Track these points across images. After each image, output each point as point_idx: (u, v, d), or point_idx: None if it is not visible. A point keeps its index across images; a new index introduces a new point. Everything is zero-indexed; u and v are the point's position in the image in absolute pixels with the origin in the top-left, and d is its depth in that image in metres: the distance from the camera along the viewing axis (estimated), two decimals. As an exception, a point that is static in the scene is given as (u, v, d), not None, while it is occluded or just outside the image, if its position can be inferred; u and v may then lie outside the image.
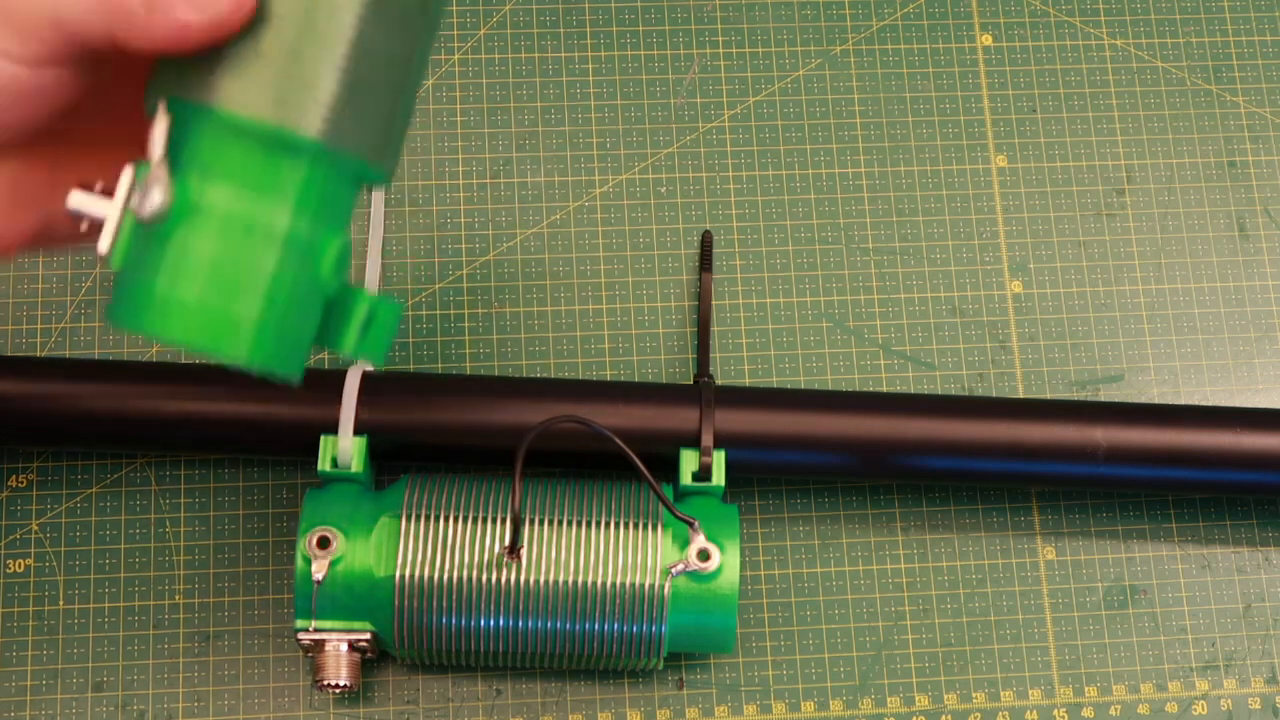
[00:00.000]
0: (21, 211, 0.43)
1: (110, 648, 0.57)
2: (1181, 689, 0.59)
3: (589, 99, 0.65)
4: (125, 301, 0.40)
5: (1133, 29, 0.67)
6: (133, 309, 0.39)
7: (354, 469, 0.54)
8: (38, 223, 0.43)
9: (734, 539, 0.54)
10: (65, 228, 0.44)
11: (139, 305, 0.39)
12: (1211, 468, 0.57)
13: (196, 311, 0.39)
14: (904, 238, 0.64)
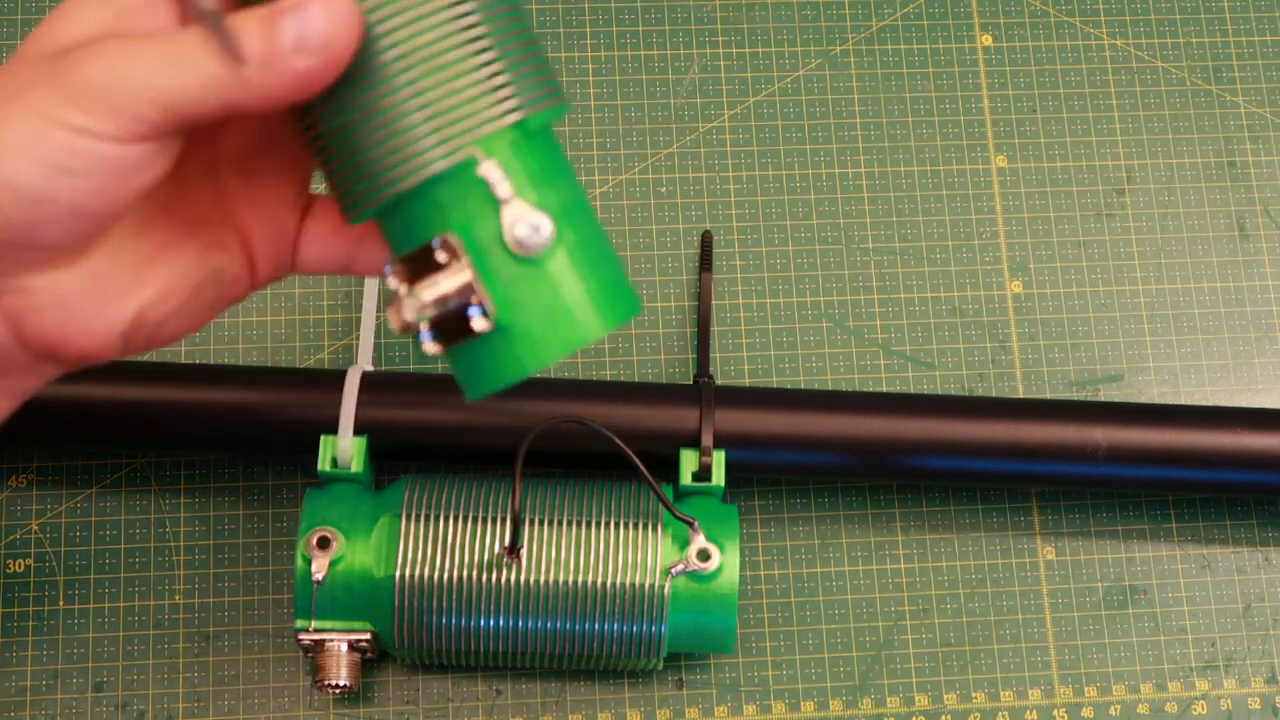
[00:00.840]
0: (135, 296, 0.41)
1: (110, 648, 0.57)
2: (1181, 689, 0.59)
3: (589, 99, 0.65)
4: (521, 345, 0.39)
5: (1133, 29, 0.67)
6: (533, 345, 0.39)
7: (354, 469, 0.54)
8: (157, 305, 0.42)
9: (734, 539, 0.54)
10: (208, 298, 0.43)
11: (541, 337, 0.39)
12: (1211, 468, 0.57)
13: (597, 301, 0.39)
14: (904, 238, 0.64)
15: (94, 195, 0.38)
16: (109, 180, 0.38)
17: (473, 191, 0.38)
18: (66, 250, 0.39)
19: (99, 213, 0.38)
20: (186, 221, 0.42)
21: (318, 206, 0.44)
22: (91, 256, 0.40)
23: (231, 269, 0.43)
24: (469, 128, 0.38)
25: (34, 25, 0.64)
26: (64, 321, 0.40)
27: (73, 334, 0.40)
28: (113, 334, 0.41)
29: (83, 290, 0.40)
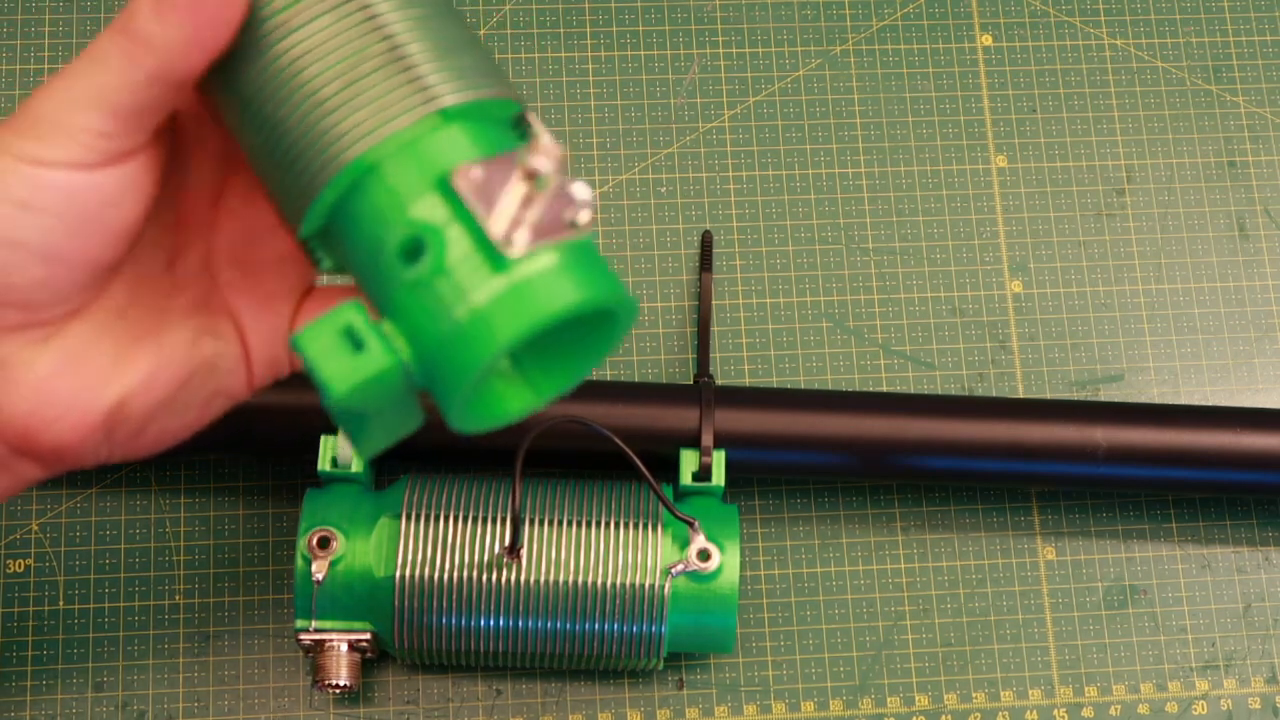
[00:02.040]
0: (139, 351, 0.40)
1: (110, 648, 0.57)
2: (1181, 689, 0.59)
3: (589, 99, 0.65)
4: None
5: (1133, 29, 0.67)
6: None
7: (354, 469, 0.54)
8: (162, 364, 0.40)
9: (734, 539, 0.54)
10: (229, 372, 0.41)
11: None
12: (1211, 468, 0.57)
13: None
14: (904, 238, 0.64)
15: (65, 235, 0.36)
16: (79, 217, 0.36)
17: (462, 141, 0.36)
18: (42, 307, 0.37)
19: (75, 258, 0.37)
20: (178, 309, 0.40)
21: (312, 296, 0.43)
22: (70, 334, 0.38)
23: (226, 360, 0.41)
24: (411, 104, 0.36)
25: (34, 25, 0.64)
26: (38, 405, 0.38)
27: (47, 420, 0.38)
28: (90, 423, 0.38)
29: (58, 371, 0.38)
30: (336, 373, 0.34)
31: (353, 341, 0.34)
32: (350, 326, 0.34)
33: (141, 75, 0.36)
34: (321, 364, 0.34)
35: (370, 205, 0.35)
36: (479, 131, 0.36)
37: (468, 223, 0.35)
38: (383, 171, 0.35)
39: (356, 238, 0.36)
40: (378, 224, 0.35)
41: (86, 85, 0.36)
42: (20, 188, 0.36)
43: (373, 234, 0.35)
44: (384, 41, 0.36)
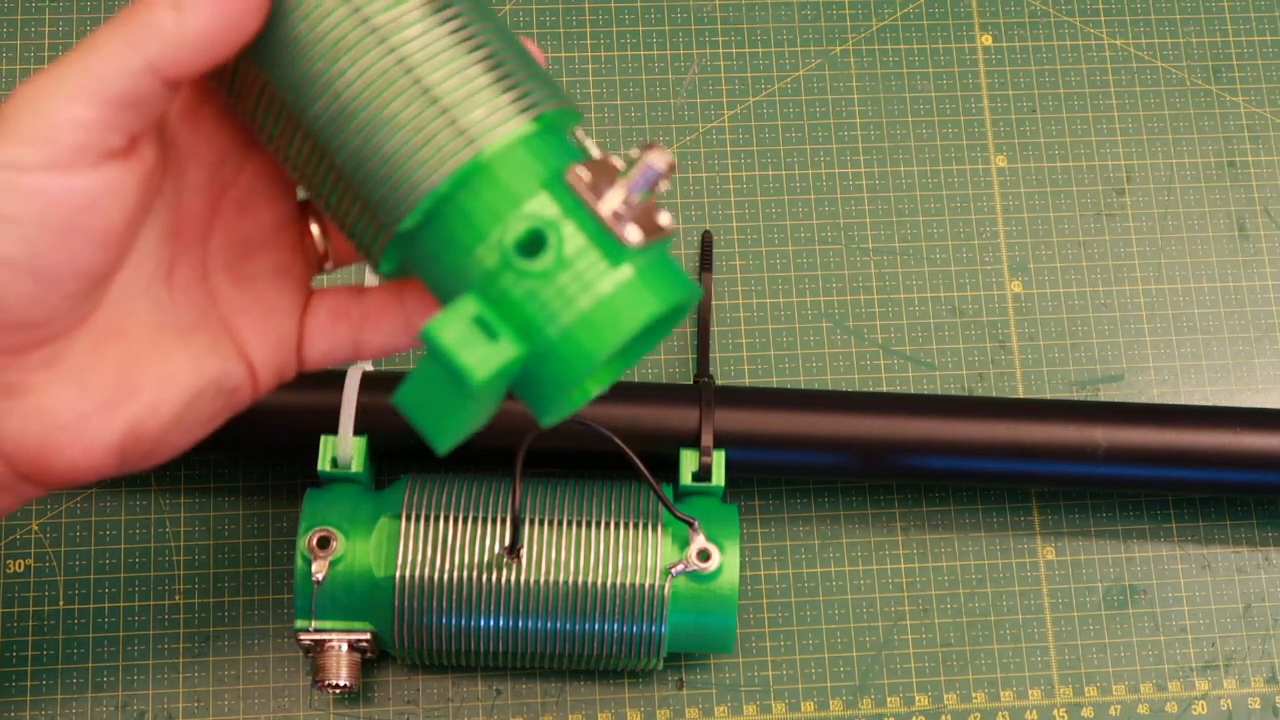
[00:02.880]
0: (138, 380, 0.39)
1: (110, 648, 0.57)
2: (1181, 689, 0.59)
3: (589, 99, 0.65)
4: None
5: (1133, 29, 0.67)
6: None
7: (354, 469, 0.54)
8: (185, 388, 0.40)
9: (734, 539, 0.54)
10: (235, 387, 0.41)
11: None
12: (1211, 468, 0.57)
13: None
14: (904, 238, 0.64)
15: (51, 247, 0.35)
16: (63, 226, 0.35)
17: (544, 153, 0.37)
18: (38, 326, 0.36)
19: (60, 271, 0.36)
20: (179, 326, 0.40)
21: (314, 303, 0.43)
22: (73, 355, 0.38)
23: (231, 378, 0.41)
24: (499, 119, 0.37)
25: (34, 25, 0.64)
26: (47, 432, 0.37)
27: (60, 446, 0.38)
28: (101, 447, 0.38)
29: (68, 396, 0.37)
30: (476, 360, 0.35)
31: (486, 330, 0.35)
32: (480, 316, 0.36)
33: (139, 62, 0.35)
34: (460, 352, 0.35)
35: (482, 202, 0.36)
36: (563, 137, 0.38)
37: (582, 218, 0.36)
38: (495, 170, 0.36)
39: (459, 234, 0.37)
40: (490, 220, 0.36)
41: (75, 71, 0.35)
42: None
43: (482, 230, 0.36)
44: (482, 49, 0.37)
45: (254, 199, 0.42)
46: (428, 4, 0.37)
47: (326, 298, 0.43)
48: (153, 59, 0.35)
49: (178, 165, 0.40)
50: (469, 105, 0.36)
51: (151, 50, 0.35)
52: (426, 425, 0.37)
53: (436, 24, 0.37)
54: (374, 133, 0.36)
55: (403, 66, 0.36)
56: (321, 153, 0.38)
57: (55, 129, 0.34)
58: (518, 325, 0.36)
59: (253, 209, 0.42)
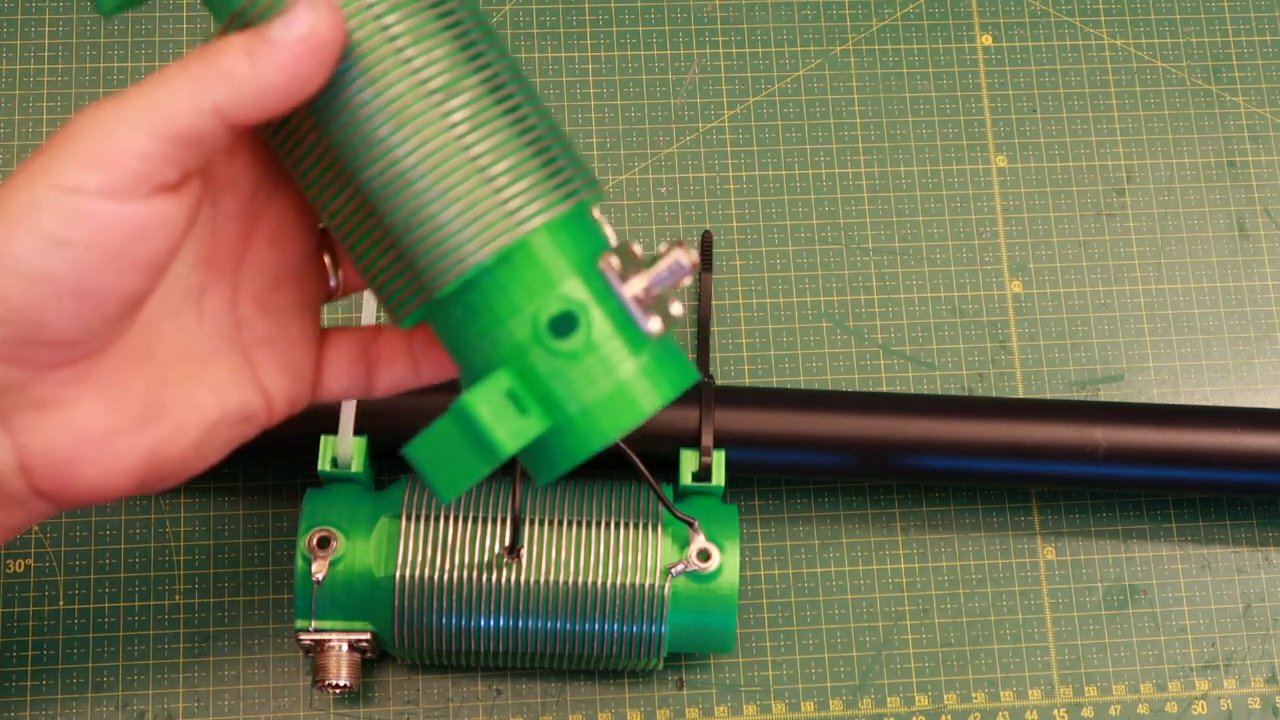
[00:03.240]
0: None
1: (110, 648, 0.57)
2: (1181, 689, 0.59)
3: (589, 99, 0.65)
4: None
5: (1133, 29, 0.67)
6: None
7: (354, 469, 0.54)
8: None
9: (734, 539, 0.54)
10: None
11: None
12: (1211, 468, 0.57)
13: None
14: (904, 238, 0.64)
15: (98, 270, 0.36)
16: (113, 250, 0.36)
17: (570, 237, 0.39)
18: (75, 345, 0.37)
19: (107, 292, 0.37)
20: (202, 354, 0.41)
21: (332, 339, 0.44)
22: (103, 373, 0.38)
23: (249, 407, 0.42)
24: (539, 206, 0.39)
25: (34, 25, 0.64)
26: (75, 447, 0.38)
27: (85, 462, 0.38)
28: (125, 466, 0.39)
29: (95, 413, 0.38)
30: (508, 434, 0.38)
31: (517, 404, 0.38)
32: (513, 391, 0.38)
33: (206, 104, 0.36)
34: (495, 426, 0.38)
35: (520, 279, 0.39)
36: (589, 218, 0.41)
37: (609, 305, 0.39)
38: (536, 250, 0.39)
39: (495, 305, 0.39)
40: (526, 297, 0.38)
41: (142, 104, 0.36)
42: (52, 220, 0.35)
43: (517, 305, 0.38)
44: (532, 131, 0.39)
45: (284, 232, 0.43)
46: (486, 83, 0.39)
47: (348, 337, 0.44)
48: (220, 103, 0.36)
49: (214, 195, 0.41)
50: (519, 186, 0.38)
51: (220, 94, 0.36)
52: (437, 479, 0.39)
53: (493, 103, 0.39)
54: (427, 202, 0.38)
55: (460, 143, 0.38)
56: (369, 211, 0.39)
57: (116, 157, 0.35)
58: (542, 399, 0.38)
59: (282, 242, 0.43)
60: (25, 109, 0.63)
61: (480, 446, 0.38)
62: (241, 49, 0.36)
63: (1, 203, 0.36)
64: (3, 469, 0.38)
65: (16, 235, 0.35)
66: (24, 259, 0.35)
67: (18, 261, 0.35)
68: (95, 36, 0.64)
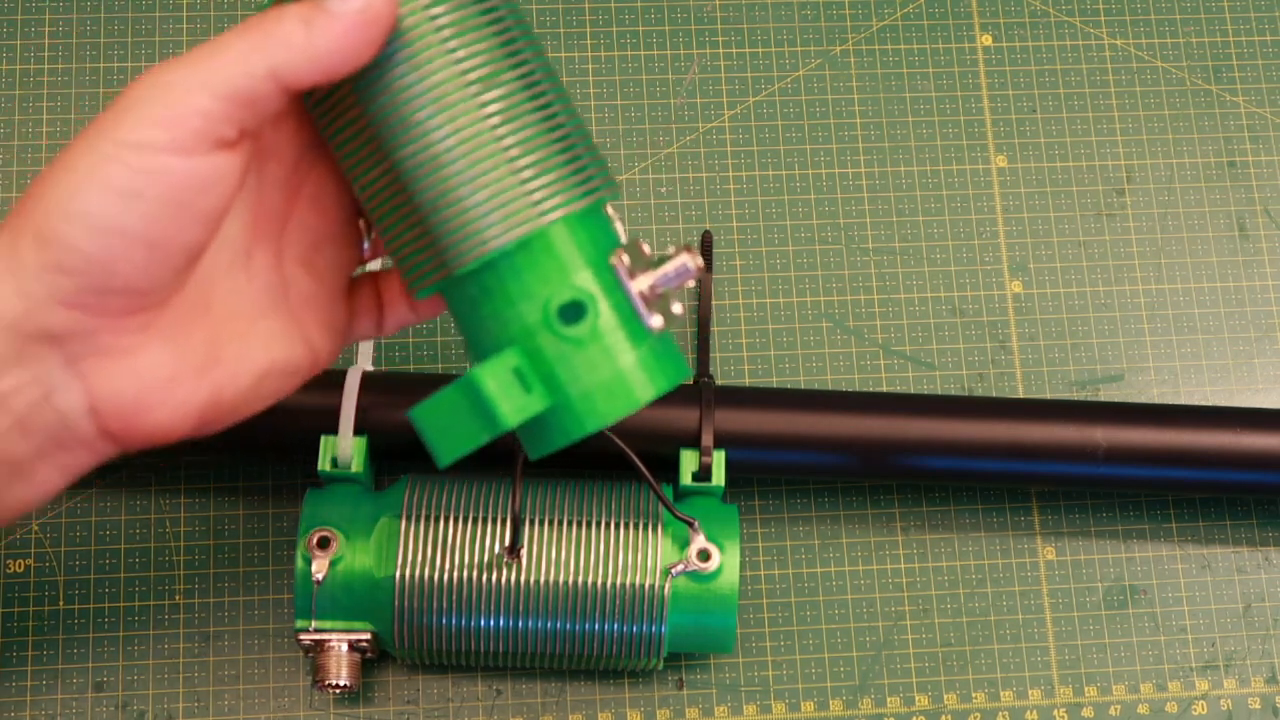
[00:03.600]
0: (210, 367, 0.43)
1: (110, 648, 0.57)
2: (1181, 689, 0.59)
3: (589, 99, 0.65)
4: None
5: (1133, 29, 0.67)
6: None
7: (354, 469, 0.54)
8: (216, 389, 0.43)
9: (734, 539, 0.54)
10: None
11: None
12: (1211, 468, 0.57)
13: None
14: (904, 238, 0.64)
15: (165, 220, 0.39)
16: (179, 203, 0.39)
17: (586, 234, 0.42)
18: (141, 294, 0.40)
19: (171, 243, 0.39)
20: (254, 308, 0.44)
21: (361, 288, 0.48)
22: (166, 322, 0.41)
23: (293, 360, 0.45)
24: (557, 200, 0.41)
25: (34, 25, 0.64)
26: (141, 391, 0.41)
27: (149, 405, 0.41)
28: (188, 410, 0.42)
29: (159, 359, 0.41)
30: (512, 408, 0.40)
31: (522, 381, 0.40)
32: (519, 369, 0.41)
33: (263, 67, 0.38)
34: (500, 399, 0.40)
35: (536, 266, 0.41)
36: (603, 214, 0.43)
37: (616, 298, 0.41)
38: (554, 240, 0.41)
39: (509, 288, 0.41)
40: (540, 283, 0.41)
41: (204, 66, 0.38)
42: (123, 175, 0.38)
43: (530, 290, 0.41)
44: (560, 129, 0.42)
45: (324, 198, 0.46)
46: (521, 79, 0.41)
47: (364, 285, 0.48)
48: (276, 66, 0.39)
49: (260, 160, 0.43)
50: (544, 179, 0.41)
51: (277, 58, 0.39)
52: (437, 443, 0.41)
53: (527, 99, 0.41)
54: (457, 185, 0.40)
55: (494, 133, 0.40)
56: (400, 188, 0.41)
57: (181, 116, 0.38)
58: (545, 379, 0.41)
59: (322, 207, 0.46)
60: (25, 109, 0.63)
61: (484, 417, 0.40)
62: (299, 17, 0.39)
63: (67, 162, 0.38)
64: (74, 412, 0.41)
65: (88, 190, 0.38)
66: (96, 213, 0.38)
67: (90, 215, 0.38)
68: (95, 36, 0.64)
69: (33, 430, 0.41)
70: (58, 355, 0.40)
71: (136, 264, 0.39)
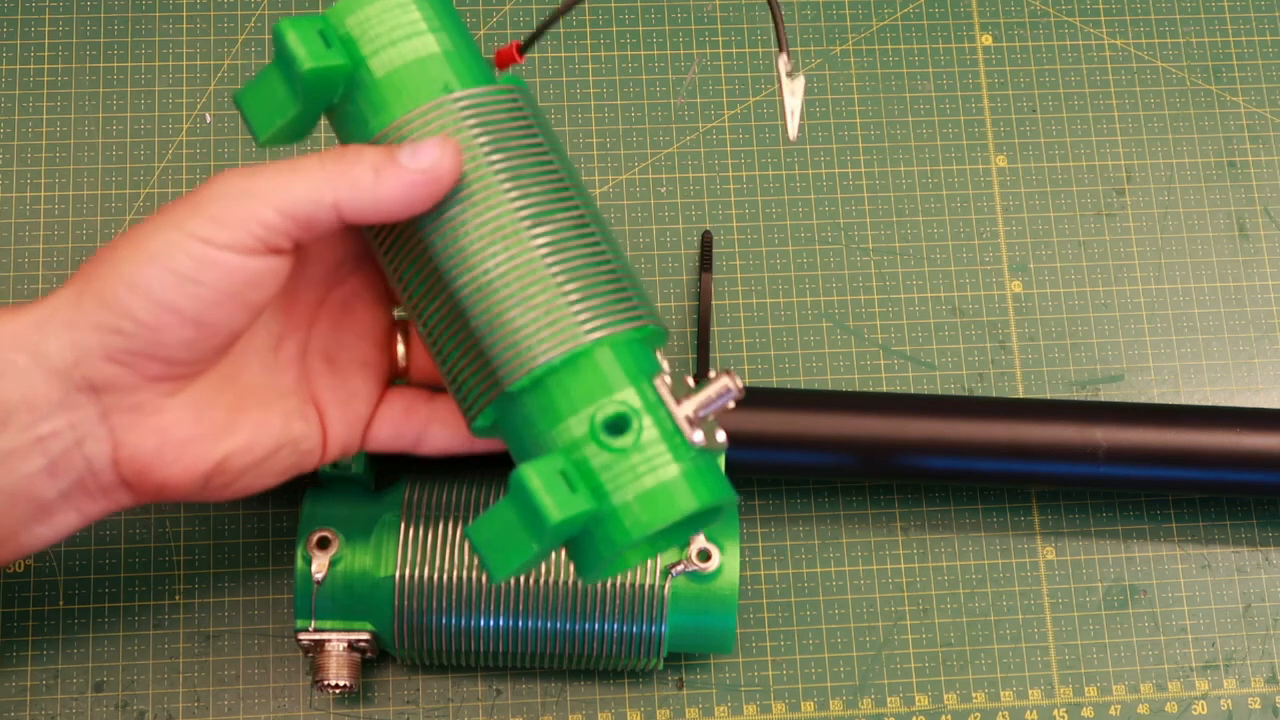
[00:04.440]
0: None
1: (110, 648, 0.57)
2: (1181, 689, 0.59)
3: (589, 99, 0.65)
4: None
5: (1133, 29, 0.67)
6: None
7: (354, 469, 0.54)
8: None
9: (734, 539, 0.54)
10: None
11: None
12: (1211, 468, 0.57)
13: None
14: (904, 238, 0.64)
15: (215, 306, 0.42)
16: (230, 293, 0.43)
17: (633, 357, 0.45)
18: (182, 364, 0.43)
19: (217, 326, 0.43)
20: (277, 388, 0.47)
21: (390, 396, 0.50)
22: (194, 390, 0.45)
23: (308, 441, 0.48)
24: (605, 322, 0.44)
25: (34, 25, 0.64)
26: (160, 447, 0.44)
27: (166, 460, 0.44)
28: (197, 470, 0.45)
29: (181, 420, 0.44)
30: (555, 504, 0.42)
31: (568, 483, 0.42)
32: (565, 471, 0.42)
33: (329, 198, 0.42)
34: (543, 495, 0.42)
35: (583, 381, 0.44)
36: (651, 350, 0.46)
37: (659, 416, 0.44)
38: (599, 358, 0.44)
39: (558, 402, 0.44)
40: (586, 398, 0.43)
41: (278, 184, 0.42)
42: (186, 263, 0.42)
43: (576, 404, 0.44)
44: (611, 263, 0.45)
45: (356, 302, 0.50)
46: (579, 216, 0.45)
47: (403, 395, 0.50)
48: (341, 202, 0.43)
49: (302, 261, 0.47)
50: (590, 304, 0.44)
51: (343, 195, 0.43)
52: (490, 557, 0.43)
53: (575, 236, 0.45)
54: (510, 307, 0.44)
55: (546, 261, 0.44)
56: (457, 313, 0.44)
57: (246, 222, 0.42)
58: (591, 487, 0.43)
59: (353, 310, 0.50)
60: (25, 109, 0.63)
61: (531, 521, 0.42)
62: (371, 165, 0.43)
63: (138, 240, 0.42)
64: (100, 460, 0.44)
65: (152, 269, 0.42)
66: (157, 289, 0.42)
67: (151, 291, 0.42)
68: (95, 36, 0.64)
69: (61, 474, 0.44)
70: (95, 406, 0.43)
71: (184, 339, 0.43)
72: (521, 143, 0.45)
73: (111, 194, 0.62)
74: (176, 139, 0.63)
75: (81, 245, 0.61)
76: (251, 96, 0.46)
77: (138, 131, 0.63)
